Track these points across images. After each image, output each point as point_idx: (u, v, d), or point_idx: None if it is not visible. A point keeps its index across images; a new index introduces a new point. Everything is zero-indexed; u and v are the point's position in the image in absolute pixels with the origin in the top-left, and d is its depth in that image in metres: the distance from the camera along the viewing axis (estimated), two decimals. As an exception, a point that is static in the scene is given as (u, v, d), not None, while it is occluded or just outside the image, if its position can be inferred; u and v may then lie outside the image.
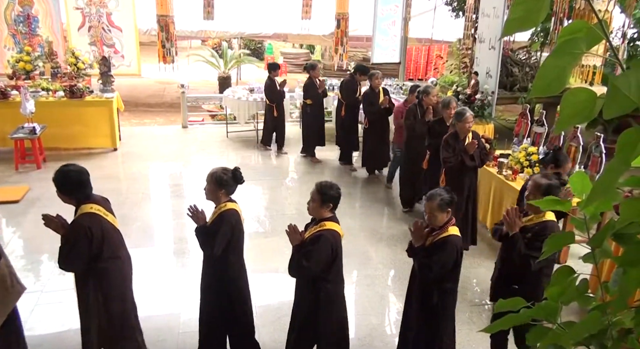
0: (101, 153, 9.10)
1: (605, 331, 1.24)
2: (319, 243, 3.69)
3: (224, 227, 3.86)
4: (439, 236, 3.71)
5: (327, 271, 3.78)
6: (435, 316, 3.85)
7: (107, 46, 10.48)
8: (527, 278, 3.74)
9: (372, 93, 8.20)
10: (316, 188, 3.80)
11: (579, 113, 1.04)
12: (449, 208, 3.69)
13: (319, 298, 3.86)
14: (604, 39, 1.06)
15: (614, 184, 1.01)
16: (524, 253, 3.61)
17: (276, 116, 9.34)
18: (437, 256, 3.66)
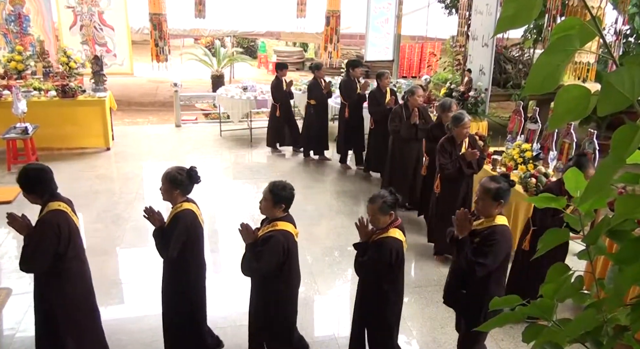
0: (94, 152, 9.05)
1: (601, 328, 1.24)
2: (270, 244, 3.68)
3: (179, 228, 3.80)
4: (378, 236, 3.73)
5: (279, 271, 3.77)
6: (373, 317, 3.91)
7: (99, 45, 10.43)
8: (474, 283, 3.67)
9: (379, 93, 7.95)
10: (268, 188, 3.77)
11: (573, 110, 1.03)
12: (392, 211, 3.68)
13: (270, 297, 3.87)
14: (597, 35, 1.06)
15: (609, 181, 1.00)
16: (469, 258, 3.55)
17: (278, 116, 9.18)
18: (370, 256, 3.70)
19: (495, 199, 3.58)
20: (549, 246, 1.44)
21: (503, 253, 3.55)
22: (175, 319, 4.09)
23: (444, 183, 5.82)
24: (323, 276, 5.64)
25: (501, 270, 3.71)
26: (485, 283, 3.64)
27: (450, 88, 9.18)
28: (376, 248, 3.69)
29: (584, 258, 1.42)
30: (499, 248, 3.53)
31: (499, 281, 3.72)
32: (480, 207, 3.66)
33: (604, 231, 1.30)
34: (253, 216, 6.96)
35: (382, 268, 3.69)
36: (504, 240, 3.55)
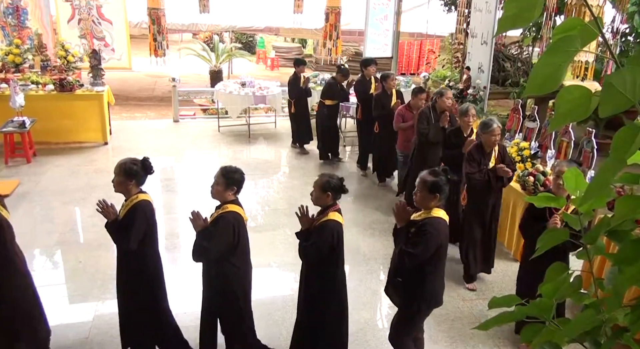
0: (92, 147, 9.03)
1: (600, 328, 1.25)
2: (220, 225, 3.73)
3: (139, 219, 3.79)
4: (319, 221, 3.82)
5: (231, 255, 3.80)
6: (317, 302, 3.94)
7: (97, 39, 10.40)
8: (409, 275, 3.73)
9: (384, 96, 7.57)
10: (220, 172, 3.83)
11: (574, 110, 1.03)
12: (329, 192, 3.79)
13: (224, 283, 3.87)
14: (598, 36, 1.06)
15: (609, 182, 1.00)
16: (400, 247, 3.62)
17: (293, 112, 9.08)
18: (314, 240, 3.77)
19: (432, 192, 3.63)
20: (548, 245, 1.44)
21: (434, 245, 3.60)
22: (135, 312, 4.04)
23: (471, 195, 5.43)
24: (320, 273, 5.63)
25: (437, 264, 3.74)
26: (420, 275, 3.70)
27: (449, 85, 9.17)
28: (319, 232, 3.78)
29: (583, 257, 1.42)
30: (430, 240, 3.57)
31: (434, 274, 3.75)
32: (418, 199, 3.71)
33: (603, 231, 1.31)
34: (250, 212, 6.96)
35: (326, 251, 3.78)
36: (436, 233, 3.59)
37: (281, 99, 10.53)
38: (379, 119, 7.60)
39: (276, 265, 5.81)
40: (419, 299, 3.78)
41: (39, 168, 8.01)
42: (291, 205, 7.15)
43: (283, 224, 6.65)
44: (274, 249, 6.10)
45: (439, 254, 3.68)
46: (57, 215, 6.72)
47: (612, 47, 7.88)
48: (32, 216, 6.45)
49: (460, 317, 4.99)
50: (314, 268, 3.92)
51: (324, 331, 4.04)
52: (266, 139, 10.08)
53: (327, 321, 4.01)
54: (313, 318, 4.02)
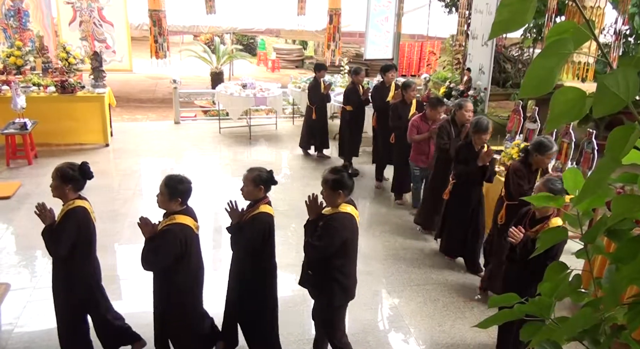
0: (93, 149, 9.05)
1: (599, 326, 1.26)
2: (166, 237, 3.70)
3: (69, 226, 3.74)
4: (250, 214, 3.86)
5: (179, 264, 3.78)
6: (254, 294, 3.97)
7: (98, 41, 10.42)
8: (318, 268, 3.82)
9: (402, 106, 7.11)
10: (163, 181, 3.76)
11: (568, 112, 1.05)
12: (262, 186, 3.85)
13: (169, 292, 3.86)
14: (591, 38, 1.07)
15: (605, 181, 1.02)
16: (306, 240, 3.72)
17: (315, 119, 8.76)
18: (245, 233, 3.81)
19: (334, 189, 3.70)
20: (548, 244, 1.45)
21: (338, 239, 3.67)
22: (68, 320, 4.01)
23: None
24: (321, 274, 5.64)
25: (345, 258, 3.81)
26: (329, 270, 3.77)
27: (450, 87, 9.19)
28: (250, 225, 3.82)
29: (582, 256, 1.43)
30: (335, 234, 3.66)
31: (342, 270, 3.82)
32: (325, 197, 3.80)
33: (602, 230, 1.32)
34: (252, 214, 6.97)
35: (258, 243, 3.83)
36: (341, 227, 3.68)
37: (282, 101, 10.55)
38: (395, 130, 7.18)
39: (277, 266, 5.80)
40: (330, 293, 3.85)
41: (40, 170, 8.03)
42: (291, 207, 7.16)
43: (283, 225, 6.65)
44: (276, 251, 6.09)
45: (346, 248, 3.76)
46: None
47: (614, 49, 7.89)
48: (34, 217, 6.42)
49: (460, 317, 5.00)
50: (245, 261, 3.94)
51: (257, 323, 4.07)
52: (267, 141, 10.09)
53: (260, 314, 4.05)
54: (245, 311, 4.05)
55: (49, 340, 4.46)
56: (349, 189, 3.75)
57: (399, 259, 6.04)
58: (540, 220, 3.80)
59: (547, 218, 3.75)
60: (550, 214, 3.75)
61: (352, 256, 3.89)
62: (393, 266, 5.87)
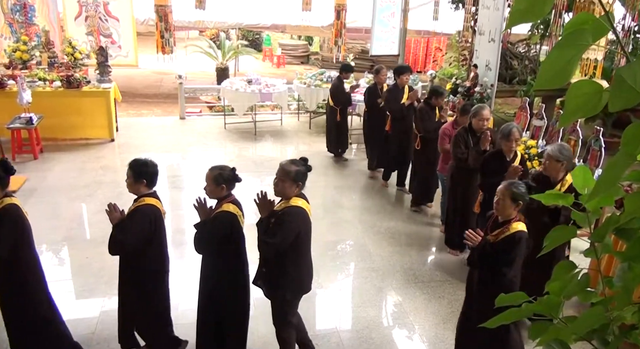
0: (98, 143, 9.06)
1: (607, 326, 1.24)
2: (135, 217, 3.73)
3: (7, 225, 3.63)
4: (214, 212, 3.85)
5: (149, 247, 3.78)
6: (217, 294, 3.95)
7: (104, 36, 10.42)
8: (272, 263, 3.84)
9: (427, 109, 6.79)
10: (129, 165, 3.82)
11: (584, 106, 1.02)
12: (224, 185, 3.81)
13: (139, 280, 3.85)
14: (609, 30, 1.05)
15: (618, 178, 0.99)
16: (259, 237, 3.72)
17: (339, 121, 8.52)
18: (207, 230, 3.80)
19: (295, 181, 3.71)
20: (556, 243, 1.43)
21: (292, 233, 3.67)
22: (19, 322, 3.93)
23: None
24: (325, 270, 5.64)
25: (298, 251, 3.81)
26: (283, 264, 3.78)
27: (456, 83, 9.14)
28: (212, 223, 3.80)
29: (591, 255, 1.41)
30: (288, 228, 3.65)
31: (296, 262, 3.83)
32: (280, 189, 3.77)
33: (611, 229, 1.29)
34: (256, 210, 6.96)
35: (221, 241, 3.80)
36: (294, 221, 3.67)
37: (287, 97, 10.52)
38: (423, 133, 6.74)
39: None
40: (284, 287, 3.86)
41: (46, 165, 8.04)
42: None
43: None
44: (280, 246, 6.10)
45: (299, 241, 3.75)
46: (64, 211, 6.74)
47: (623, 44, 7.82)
48: (39, 212, 6.47)
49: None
50: (211, 259, 3.93)
51: (226, 322, 4.05)
52: (272, 136, 10.08)
53: (228, 314, 4.03)
54: (214, 310, 4.03)
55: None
56: (303, 182, 3.80)
57: (404, 256, 6.02)
58: (501, 224, 3.72)
59: (508, 222, 3.68)
60: (511, 218, 3.69)
61: (305, 249, 3.91)
62: (398, 263, 5.85)
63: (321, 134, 10.20)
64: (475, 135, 5.67)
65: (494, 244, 3.65)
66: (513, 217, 3.65)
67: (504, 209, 3.64)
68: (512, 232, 3.59)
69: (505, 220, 3.68)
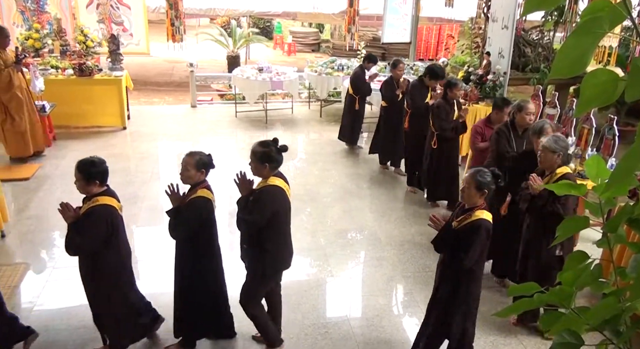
0: (110, 131, 9.10)
1: (619, 316, 1.23)
2: (91, 219, 3.72)
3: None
4: (188, 197, 3.90)
5: (108, 247, 3.78)
6: (193, 279, 4.00)
7: (115, 24, 10.42)
8: (251, 238, 3.91)
9: (445, 106, 6.41)
10: (76, 167, 3.76)
11: (600, 95, 1.01)
12: (203, 169, 3.89)
13: (102, 273, 3.85)
14: (626, 17, 1.03)
15: (634, 169, 0.98)
16: (238, 216, 3.78)
17: (357, 109, 8.43)
18: (181, 216, 3.84)
19: (262, 161, 3.78)
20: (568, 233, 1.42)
21: (268, 211, 3.76)
22: None
23: None
24: (336, 258, 5.65)
25: (276, 229, 3.88)
26: (261, 241, 3.84)
27: (468, 71, 9.05)
28: (187, 209, 3.85)
29: (604, 246, 1.40)
30: (264, 207, 3.75)
31: (275, 240, 3.90)
32: (253, 169, 3.87)
33: (624, 219, 1.28)
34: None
35: (195, 227, 3.86)
36: (270, 200, 3.78)
37: (298, 85, 10.49)
38: (439, 131, 6.48)
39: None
40: (263, 262, 3.93)
41: (59, 152, 8.10)
42: (307, 191, 7.16)
43: (299, 210, 6.66)
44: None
45: (277, 219, 3.84)
46: (77, 198, 6.76)
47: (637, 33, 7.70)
48: (53, 199, 6.53)
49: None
50: (184, 246, 3.96)
51: (203, 308, 4.08)
52: (283, 125, 10.07)
53: (204, 299, 4.06)
54: (189, 296, 4.06)
55: (67, 319, 4.53)
56: (275, 162, 3.84)
57: (415, 245, 6.02)
58: (466, 211, 3.74)
59: (472, 210, 3.69)
60: (476, 206, 3.70)
61: (283, 228, 3.99)
62: (408, 252, 5.85)
63: (332, 122, 10.19)
64: (517, 133, 5.27)
65: (457, 230, 3.72)
66: (478, 205, 3.70)
67: (470, 197, 3.70)
68: (474, 219, 3.64)
69: (471, 207, 3.73)
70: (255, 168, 3.86)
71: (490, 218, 3.70)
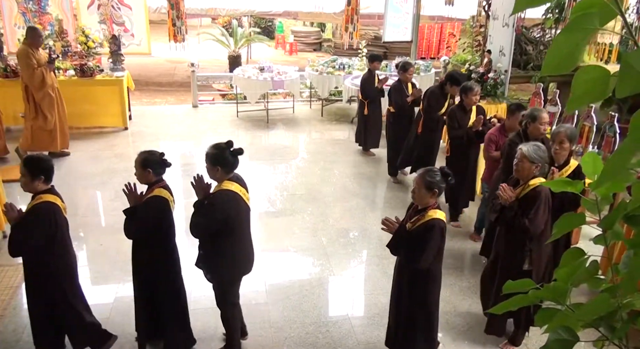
0: (112, 132, 9.13)
1: (615, 313, 1.23)
2: (34, 216, 3.71)
3: None
4: (144, 197, 3.92)
5: (51, 245, 3.75)
6: (153, 280, 4.00)
7: (116, 24, 10.43)
8: (207, 244, 3.90)
9: (460, 112, 6.08)
10: (22, 163, 3.76)
11: (592, 91, 1.00)
12: (149, 169, 3.85)
13: (49, 273, 3.82)
14: (617, 14, 1.03)
15: (625, 165, 0.98)
16: (191, 219, 3.75)
17: (366, 114, 8.10)
18: (136, 216, 3.85)
19: (213, 164, 3.74)
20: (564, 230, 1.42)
21: (219, 215, 3.71)
22: None
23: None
24: (337, 258, 5.66)
25: (232, 233, 3.85)
26: (217, 246, 3.84)
27: (470, 69, 9.05)
28: (143, 209, 3.85)
29: (600, 242, 1.40)
30: (215, 211, 3.71)
31: (232, 245, 3.87)
32: (207, 172, 3.83)
33: (620, 216, 1.28)
34: (269, 197, 7.00)
35: (151, 227, 3.86)
36: (222, 204, 3.73)
37: (299, 84, 10.50)
38: (452, 139, 6.17)
39: (294, 249, 5.84)
40: (221, 269, 3.92)
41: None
42: (309, 191, 7.16)
43: (301, 209, 6.67)
44: (292, 234, 6.13)
45: (231, 225, 3.79)
46: (79, 198, 6.82)
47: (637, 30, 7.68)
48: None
49: (476, 302, 4.97)
50: (142, 245, 3.95)
51: (163, 307, 4.07)
52: (284, 124, 10.08)
53: (160, 298, 4.05)
54: (149, 295, 4.05)
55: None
56: (228, 166, 3.78)
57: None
58: (420, 212, 3.73)
59: (425, 210, 3.68)
60: (428, 206, 3.68)
61: (240, 233, 3.93)
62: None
63: (333, 122, 10.20)
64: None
65: (410, 231, 3.70)
66: (430, 205, 3.68)
67: (421, 198, 3.67)
68: (427, 220, 3.62)
69: (423, 207, 3.72)
70: (209, 171, 3.80)
71: (443, 217, 3.68)
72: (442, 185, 3.65)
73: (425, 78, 10.44)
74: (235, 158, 3.81)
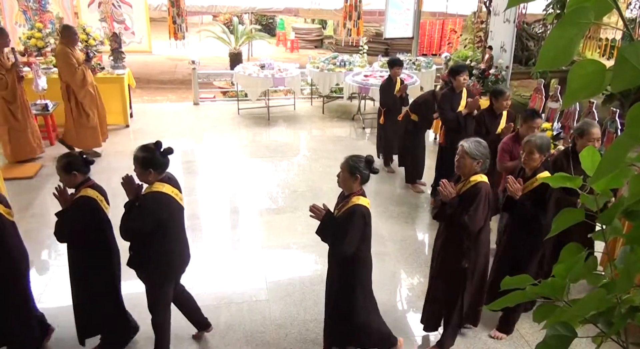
0: (113, 129, 9.12)
1: (614, 309, 1.23)
2: None
3: None
4: (74, 196, 3.90)
5: None
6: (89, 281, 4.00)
7: (117, 22, 10.43)
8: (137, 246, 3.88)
9: (489, 117, 5.81)
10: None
11: (587, 86, 1.00)
12: (75, 172, 3.84)
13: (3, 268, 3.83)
14: (613, 8, 1.02)
15: (622, 159, 0.97)
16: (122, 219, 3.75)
17: (382, 123, 7.63)
18: (66, 217, 3.83)
19: (145, 167, 3.72)
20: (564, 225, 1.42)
21: (150, 217, 3.69)
22: None
23: None
24: (339, 254, 5.65)
25: (164, 235, 3.81)
26: (149, 248, 3.82)
27: (471, 66, 9.03)
28: (73, 208, 3.83)
29: (599, 238, 1.39)
30: (146, 214, 3.69)
31: (164, 247, 3.84)
32: (138, 175, 3.82)
33: (619, 211, 1.28)
34: (270, 194, 7.00)
35: (79, 227, 3.85)
36: (153, 207, 3.71)
37: (300, 81, 10.48)
38: None
39: (295, 246, 5.84)
40: (152, 271, 3.89)
41: (62, 151, 8.06)
42: (310, 188, 7.16)
43: (302, 206, 6.66)
44: (294, 231, 6.13)
45: (163, 227, 3.75)
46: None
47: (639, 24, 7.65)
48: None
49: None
50: (76, 246, 3.94)
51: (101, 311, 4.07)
52: (285, 121, 10.07)
53: (102, 300, 4.04)
54: (86, 297, 4.05)
55: (70, 317, 4.54)
56: (160, 167, 3.75)
57: (416, 240, 6.02)
58: (345, 198, 3.87)
59: (349, 196, 3.81)
60: (353, 192, 3.82)
61: (173, 235, 3.89)
62: (410, 247, 5.85)
63: (334, 119, 10.19)
64: (579, 161, 4.44)
65: (337, 217, 3.81)
66: (355, 191, 3.78)
67: (344, 182, 3.80)
68: (350, 205, 3.73)
69: (348, 194, 3.81)
70: (140, 176, 3.74)
71: (367, 204, 3.77)
72: (364, 172, 3.75)
73: (426, 75, 10.43)
74: (166, 158, 3.78)
